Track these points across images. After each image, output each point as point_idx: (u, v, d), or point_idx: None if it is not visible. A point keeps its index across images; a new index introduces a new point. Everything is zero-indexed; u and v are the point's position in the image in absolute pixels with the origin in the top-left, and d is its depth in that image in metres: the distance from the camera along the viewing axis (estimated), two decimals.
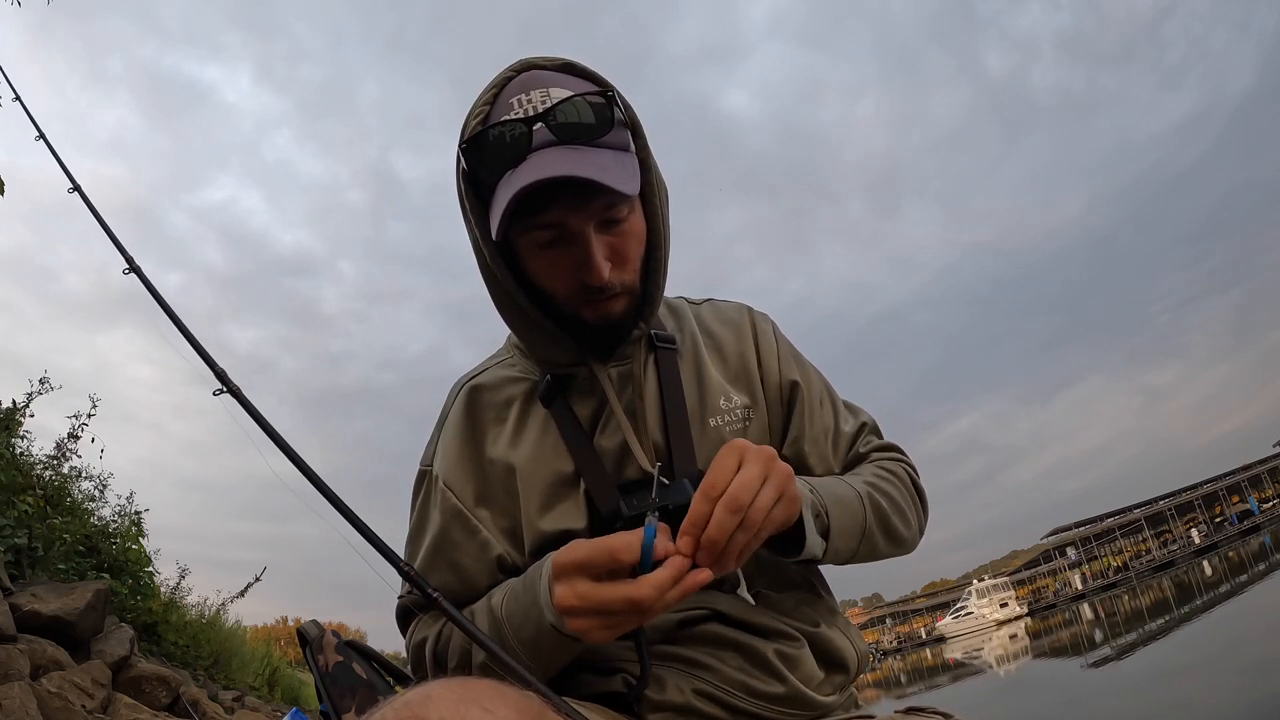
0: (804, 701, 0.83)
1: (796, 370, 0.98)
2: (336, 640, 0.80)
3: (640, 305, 0.88)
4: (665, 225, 0.87)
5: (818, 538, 0.80)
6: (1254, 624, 8.75)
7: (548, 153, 0.76)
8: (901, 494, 0.93)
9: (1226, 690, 5.59)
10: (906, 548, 0.95)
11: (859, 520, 0.85)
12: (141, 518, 5.74)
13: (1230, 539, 37.49)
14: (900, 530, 0.92)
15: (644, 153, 0.85)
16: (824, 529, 0.81)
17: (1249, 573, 17.39)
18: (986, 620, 48.49)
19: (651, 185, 0.85)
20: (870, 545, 0.88)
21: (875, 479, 0.92)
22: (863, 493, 0.88)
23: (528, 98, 0.79)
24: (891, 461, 0.98)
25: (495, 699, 0.51)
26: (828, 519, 0.81)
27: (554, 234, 0.80)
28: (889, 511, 0.89)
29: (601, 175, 0.74)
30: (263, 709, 5.87)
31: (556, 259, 0.82)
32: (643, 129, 0.85)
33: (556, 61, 0.84)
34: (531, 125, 0.77)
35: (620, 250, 0.82)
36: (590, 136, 0.77)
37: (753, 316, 1.02)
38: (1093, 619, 22.59)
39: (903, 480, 0.96)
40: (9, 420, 4.82)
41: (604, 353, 0.90)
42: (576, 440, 0.89)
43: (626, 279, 0.84)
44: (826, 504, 0.82)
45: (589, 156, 0.76)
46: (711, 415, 0.91)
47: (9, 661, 2.85)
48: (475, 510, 0.89)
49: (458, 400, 0.96)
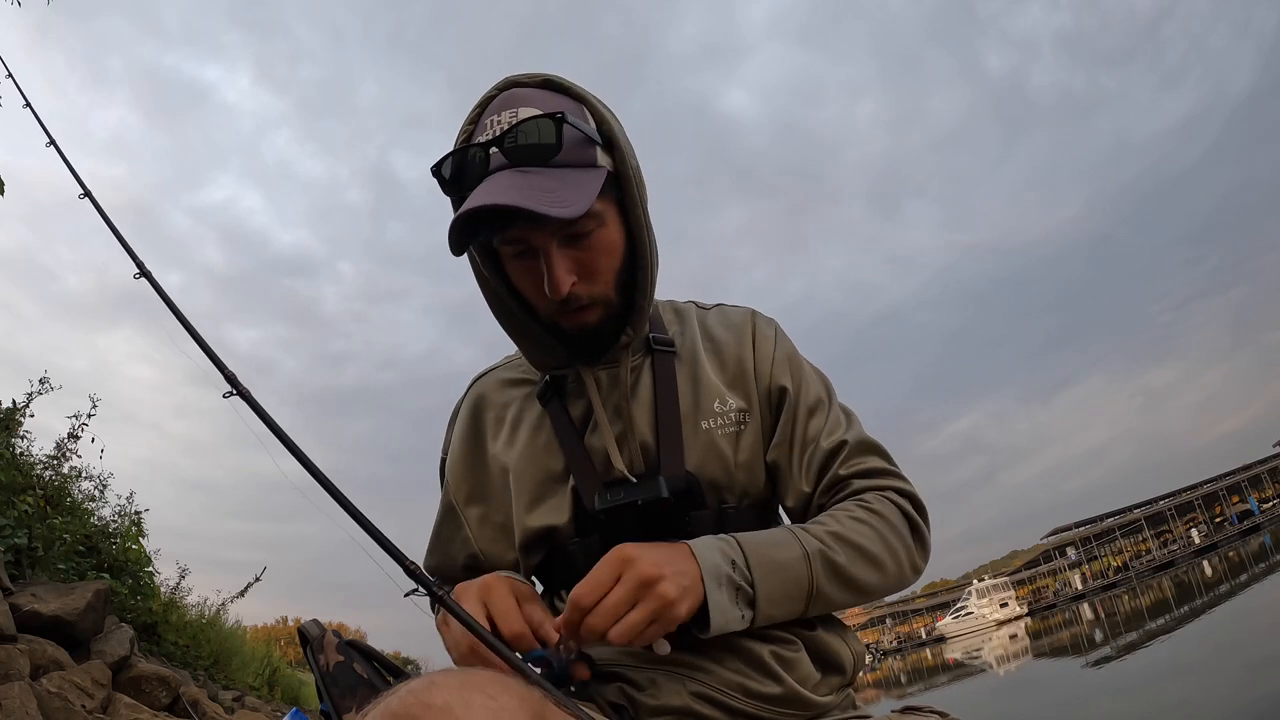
0: (801, 702, 0.84)
1: (789, 375, 0.96)
2: (337, 640, 0.80)
3: (624, 312, 0.90)
4: (648, 234, 0.89)
5: (735, 612, 0.78)
6: (1254, 624, 8.75)
7: (498, 177, 0.80)
8: (879, 538, 0.86)
9: (1226, 690, 5.59)
10: (882, 594, 0.89)
11: (801, 584, 0.81)
12: (141, 518, 5.73)
13: (1230, 539, 37.48)
14: (867, 580, 0.85)
15: (621, 165, 0.86)
16: (749, 600, 0.79)
17: (1249, 573, 17.38)
18: (986, 620, 48.46)
19: (631, 196, 0.86)
20: (824, 601, 0.83)
21: (846, 526, 0.86)
22: (811, 551, 0.82)
23: (498, 118, 0.83)
24: (877, 494, 0.91)
25: (498, 687, 0.52)
26: (753, 590, 0.78)
27: (520, 248, 0.83)
28: (846, 566, 0.83)
29: (531, 200, 0.75)
30: (263, 709, 5.87)
31: (527, 270, 0.85)
32: (622, 140, 0.87)
33: (538, 78, 0.87)
34: (488, 149, 0.81)
35: (587, 264, 0.84)
36: (542, 158, 0.80)
37: (756, 320, 1.02)
38: (1093, 619, 22.58)
39: (886, 520, 0.88)
40: (9, 420, 4.82)
41: (592, 357, 0.93)
42: (568, 439, 0.93)
43: (596, 291, 0.86)
44: (754, 574, 0.79)
45: (534, 179, 0.78)
46: (705, 418, 0.92)
47: (9, 661, 2.85)
48: (465, 508, 0.98)
49: (466, 399, 1.04)
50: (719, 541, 0.80)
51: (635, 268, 0.90)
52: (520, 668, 0.67)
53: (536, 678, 0.65)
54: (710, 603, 0.76)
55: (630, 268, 0.89)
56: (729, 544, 0.80)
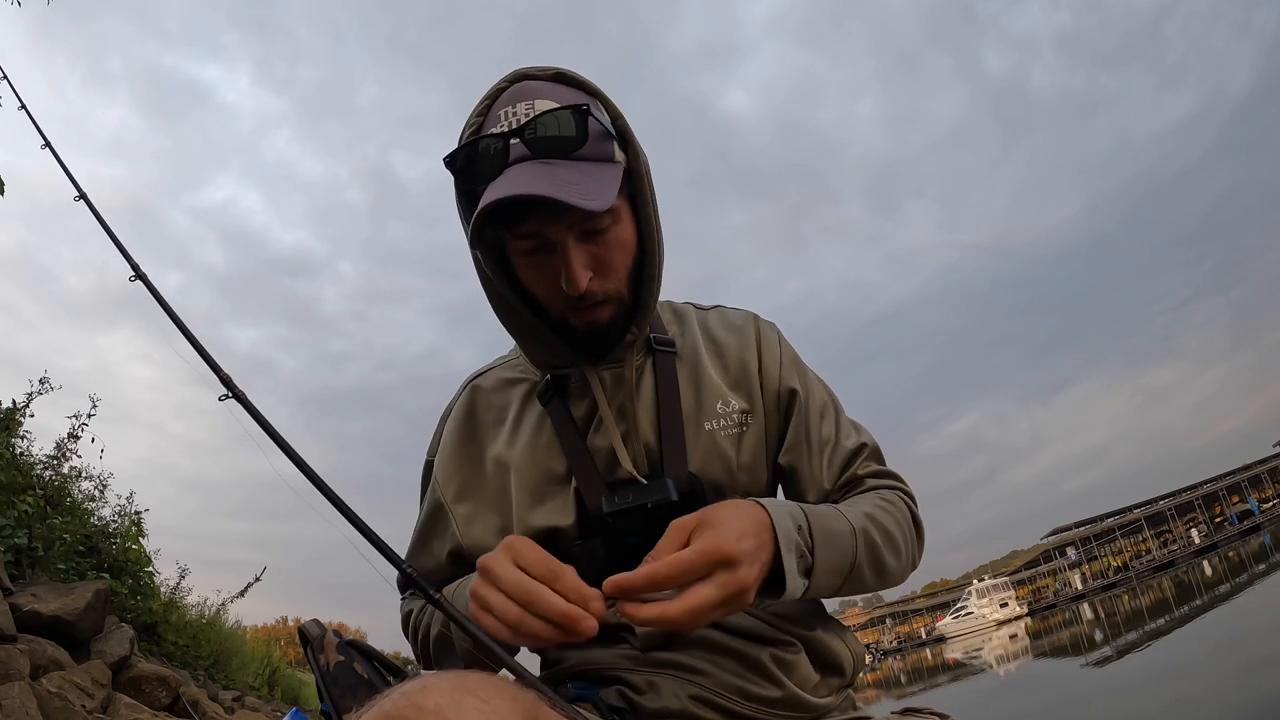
0: (800, 704, 0.84)
1: (797, 378, 0.97)
2: (338, 640, 0.80)
3: (632, 310, 0.89)
4: (657, 232, 0.88)
5: (799, 580, 0.76)
6: (1254, 624, 8.75)
7: (521, 167, 0.78)
8: (899, 528, 0.89)
9: (1226, 690, 5.59)
10: (892, 582, 0.90)
11: (848, 557, 0.81)
12: (141, 518, 5.73)
13: (1230, 539, 37.46)
14: (890, 565, 0.87)
15: (634, 161, 0.85)
16: (807, 568, 0.77)
17: (1249, 573, 17.38)
18: (986, 620, 48.43)
19: (643, 193, 0.86)
20: (856, 581, 0.84)
21: (875, 510, 0.88)
22: (858, 528, 0.83)
23: (513, 110, 0.81)
24: (891, 492, 0.94)
25: (491, 690, 0.52)
26: (812, 558, 0.78)
27: (535, 243, 0.81)
28: (882, 547, 0.85)
29: (562, 191, 0.74)
30: (263, 709, 5.87)
31: (540, 266, 0.84)
32: (634, 137, 0.86)
33: (549, 71, 0.85)
34: (509, 140, 0.79)
35: (603, 260, 0.83)
36: (565, 150, 0.79)
37: (758, 323, 1.01)
38: (1093, 619, 22.58)
39: (902, 514, 0.91)
40: (9, 420, 4.82)
41: (596, 356, 0.91)
42: (570, 439, 0.91)
43: (610, 287, 0.85)
44: (815, 543, 0.78)
45: (559, 171, 0.77)
46: (707, 419, 0.92)
47: (9, 661, 2.86)
48: (454, 506, 0.95)
49: (461, 398, 1.02)
50: (787, 505, 0.79)
51: (644, 264, 0.89)
52: (516, 668, 0.66)
53: (533, 679, 0.65)
54: (786, 570, 0.74)
55: (639, 264, 0.89)
56: (795, 509, 0.79)
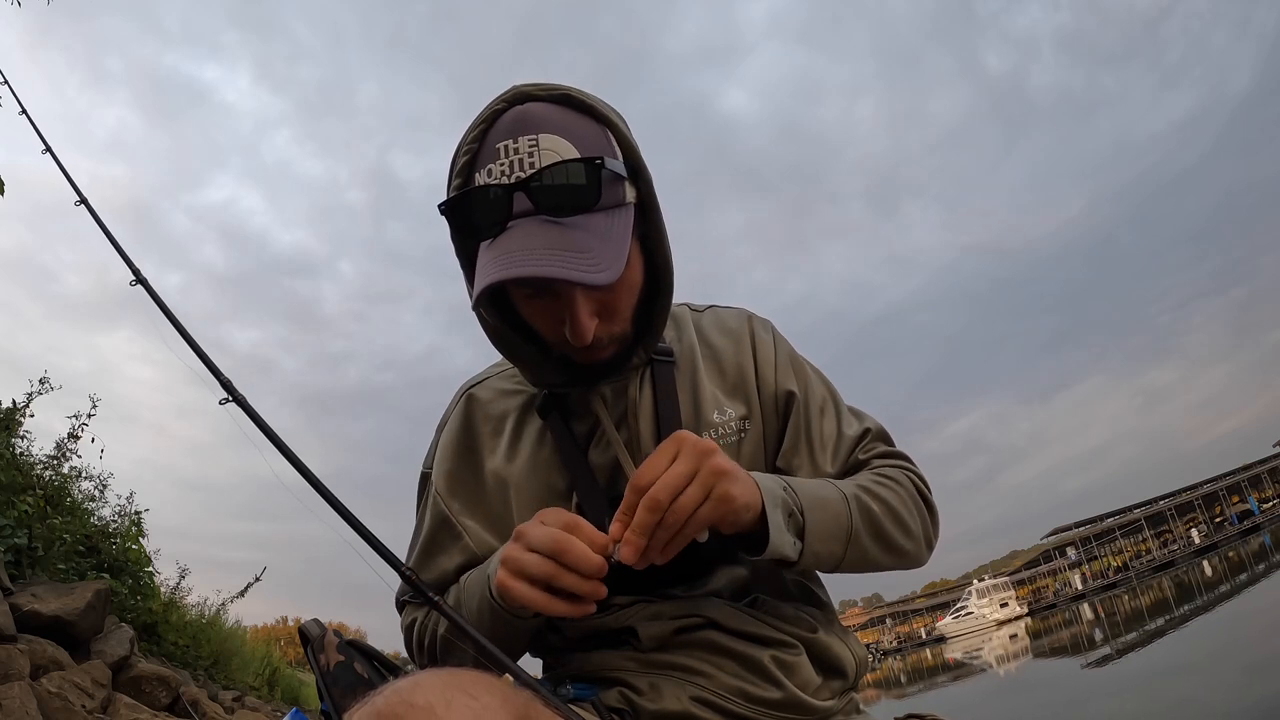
0: (801, 706, 0.83)
1: (794, 379, 0.96)
2: (338, 640, 0.80)
3: (638, 337, 0.88)
4: (668, 264, 0.85)
5: (788, 537, 0.76)
6: (1254, 624, 8.75)
7: (526, 226, 0.73)
8: (901, 500, 0.88)
9: (1226, 690, 5.59)
10: (908, 559, 0.89)
11: (843, 523, 0.81)
12: (141, 518, 5.73)
13: (1230, 539, 37.48)
14: (897, 538, 0.86)
15: (647, 194, 0.81)
16: (799, 529, 0.78)
17: (1249, 573, 17.38)
18: (986, 620, 48.48)
19: (656, 226, 0.83)
20: (860, 551, 0.83)
21: (870, 483, 0.87)
22: (849, 494, 0.83)
23: (514, 145, 0.75)
24: (894, 468, 0.92)
25: (481, 687, 0.52)
26: (803, 519, 0.78)
27: (537, 289, 0.78)
28: (881, 517, 0.84)
29: (571, 266, 0.70)
30: (263, 709, 5.86)
31: (542, 309, 0.81)
32: (644, 166, 0.81)
33: (553, 92, 0.78)
34: (512, 193, 0.73)
35: (610, 305, 0.81)
36: (575, 206, 0.73)
37: (752, 324, 1.00)
38: (1093, 619, 22.58)
39: (904, 487, 0.90)
40: (9, 420, 4.82)
41: (598, 379, 0.89)
42: (570, 454, 0.90)
43: (615, 330, 0.83)
44: (803, 504, 0.78)
45: (568, 235, 0.72)
46: (705, 428, 0.91)
47: (9, 661, 2.85)
48: (461, 519, 0.93)
49: (457, 408, 0.99)
50: (768, 473, 0.80)
51: (653, 292, 0.87)
52: (513, 668, 0.66)
53: (529, 679, 0.65)
54: (769, 521, 0.74)
55: (647, 294, 0.87)
56: (776, 476, 0.80)
